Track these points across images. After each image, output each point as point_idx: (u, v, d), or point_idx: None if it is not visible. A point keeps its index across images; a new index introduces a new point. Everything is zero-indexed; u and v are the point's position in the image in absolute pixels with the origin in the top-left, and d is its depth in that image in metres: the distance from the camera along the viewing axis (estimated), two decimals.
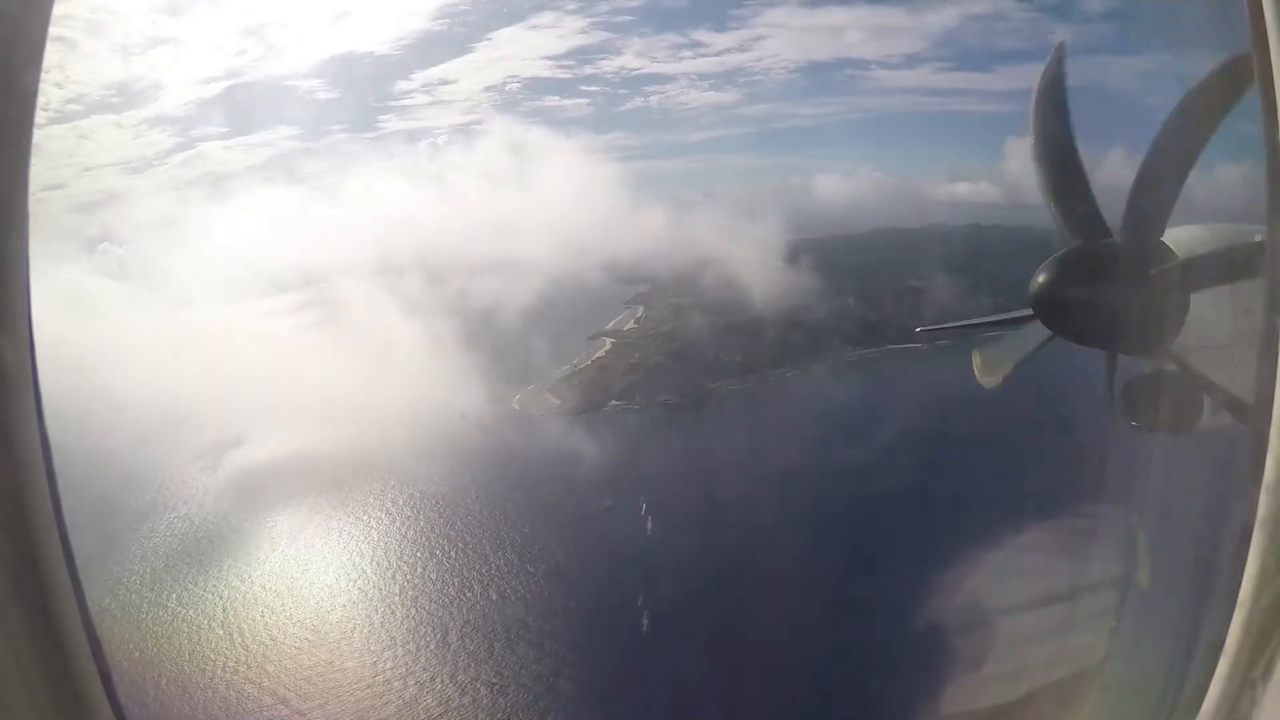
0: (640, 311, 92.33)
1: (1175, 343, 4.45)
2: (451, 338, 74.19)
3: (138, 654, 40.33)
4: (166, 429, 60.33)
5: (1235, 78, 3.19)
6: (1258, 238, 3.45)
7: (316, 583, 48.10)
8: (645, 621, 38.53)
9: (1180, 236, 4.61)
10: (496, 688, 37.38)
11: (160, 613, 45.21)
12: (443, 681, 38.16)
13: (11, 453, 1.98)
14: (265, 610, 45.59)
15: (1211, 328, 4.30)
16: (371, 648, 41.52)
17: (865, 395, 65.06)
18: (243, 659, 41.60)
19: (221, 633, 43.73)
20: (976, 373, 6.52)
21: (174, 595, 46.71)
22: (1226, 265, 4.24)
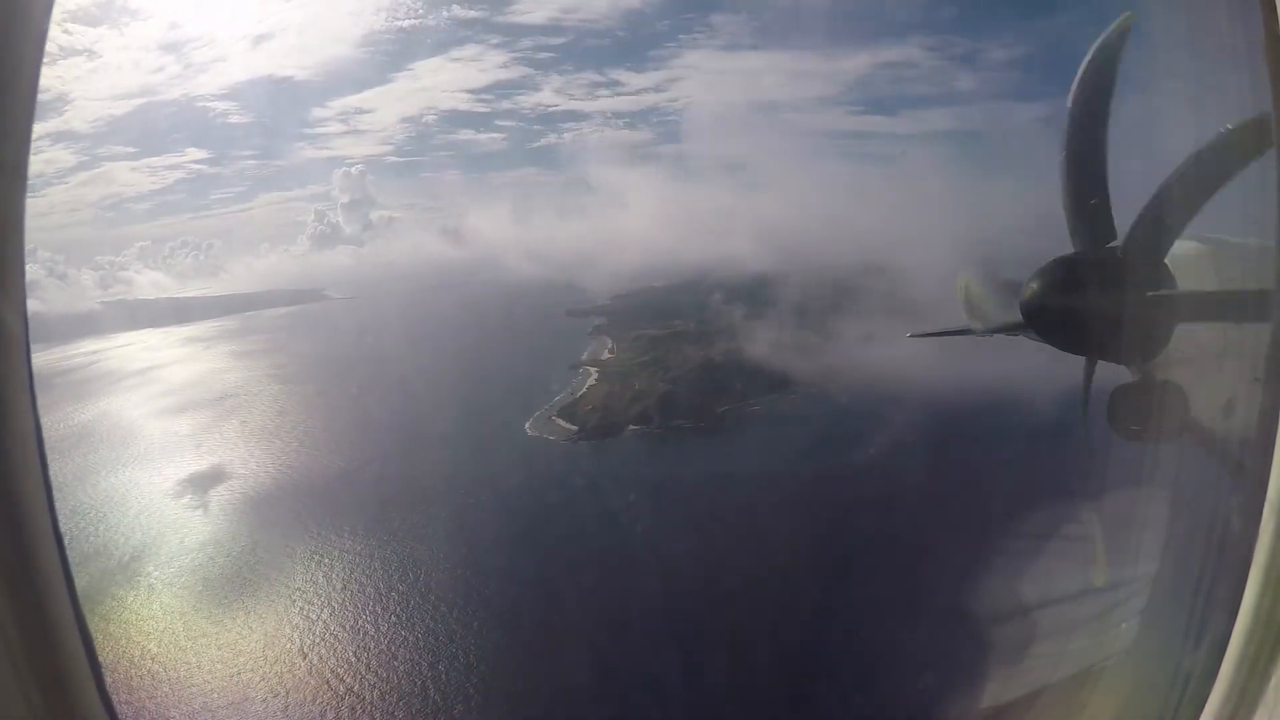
0: (610, 343, 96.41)
1: (1165, 351, 4.43)
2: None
3: (129, 651, 40.45)
4: None
5: (1257, 139, 3.11)
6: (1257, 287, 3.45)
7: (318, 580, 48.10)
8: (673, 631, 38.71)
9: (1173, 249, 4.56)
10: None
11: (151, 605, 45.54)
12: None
13: (7, 453, 1.97)
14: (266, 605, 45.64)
15: (1201, 336, 4.29)
16: (374, 653, 41.44)
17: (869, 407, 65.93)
18: (239, 655, 41.61)
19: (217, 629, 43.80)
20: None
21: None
22: (1232, 307, 4.23)
